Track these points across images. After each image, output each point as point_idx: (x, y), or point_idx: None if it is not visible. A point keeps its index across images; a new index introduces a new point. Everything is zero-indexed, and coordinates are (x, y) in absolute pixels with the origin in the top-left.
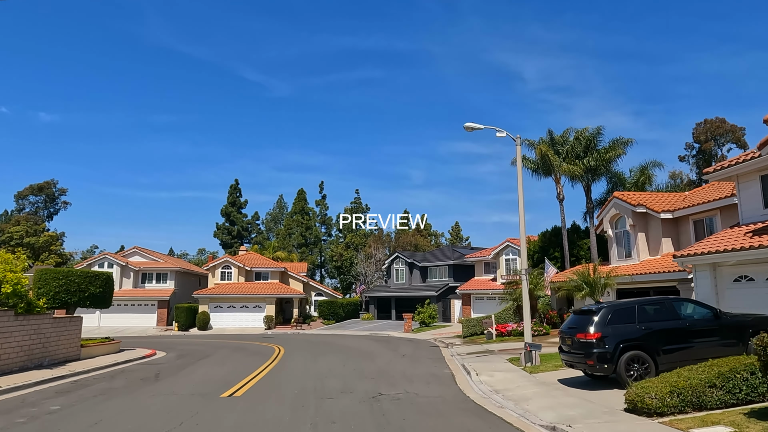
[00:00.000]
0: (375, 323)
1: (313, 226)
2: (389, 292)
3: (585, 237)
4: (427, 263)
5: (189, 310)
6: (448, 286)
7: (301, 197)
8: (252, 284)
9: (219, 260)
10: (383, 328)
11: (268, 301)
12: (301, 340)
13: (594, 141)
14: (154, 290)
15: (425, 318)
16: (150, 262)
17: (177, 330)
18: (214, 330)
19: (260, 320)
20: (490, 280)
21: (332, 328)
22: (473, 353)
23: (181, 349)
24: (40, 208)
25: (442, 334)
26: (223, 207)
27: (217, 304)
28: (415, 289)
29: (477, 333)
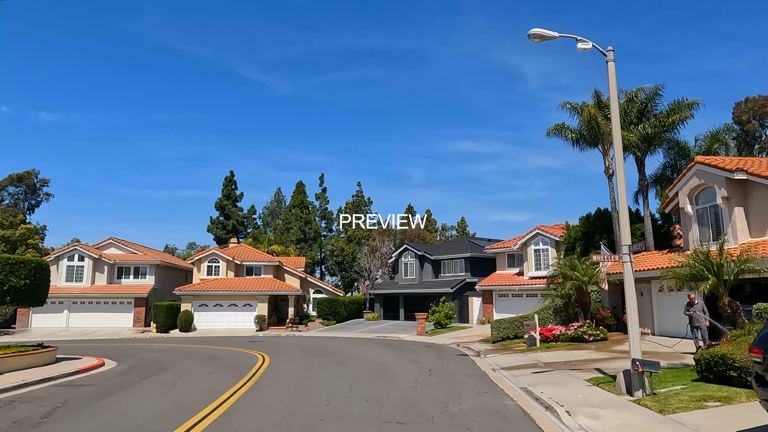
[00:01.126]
0: (381, 324)
1: (313, 220)
2: (397, 289)
3: (637, 221)
4: (440, 256)
5: (169, 309)
6: (465, 282)
7: (300, 190)
8: (242, 280)
9: (205, 252)
10: (391, 329)
11: (260, 298)
12: (294, 346)
13: (651, 103)
14: (131, 286)
15: (441, 318)
16: (127, 254)
17: (155, 332)
18: (198, 332)
19: (251, 320)
20: (514, 275)
21: (333, 329)
22: (522, 367)
23: (139, 359)
24: (20, 199)
25: (463, 337)
26: (218, 200)
27: (202, 302)
28: (427, 285)
29: (509, 337)
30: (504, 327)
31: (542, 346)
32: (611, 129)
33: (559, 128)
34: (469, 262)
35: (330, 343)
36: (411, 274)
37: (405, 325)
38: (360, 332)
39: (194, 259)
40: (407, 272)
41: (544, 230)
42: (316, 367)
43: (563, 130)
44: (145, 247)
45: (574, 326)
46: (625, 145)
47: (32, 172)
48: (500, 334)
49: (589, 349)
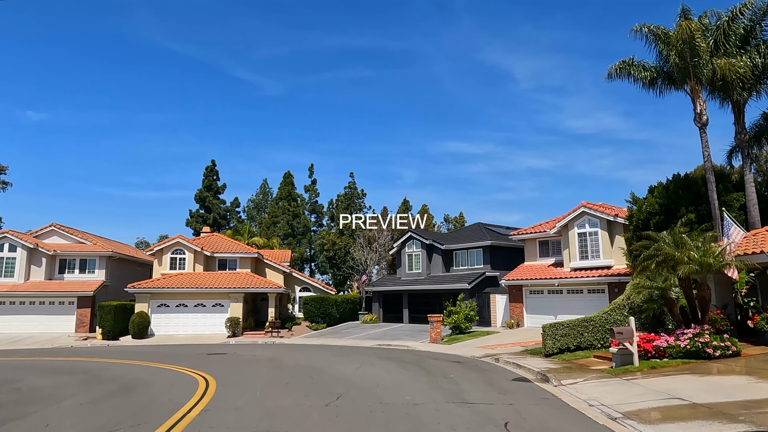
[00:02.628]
0: (381, 327)
1: (302, 214)
2: (399, 286)
3: (734, 189)
4: (453, 245)
5: (120, 311)
6: (485, 276)
7: (288, 181)
8: (212, 275)
9: (167, 242)
10: (395, 335)
11: (233, 297)
12: (267, 362)
13: (759, 26)
14: (75, 283)
15: (460, 321)
16: (73, 244)
17: (100, 338)
18: (156, 338)
19: (222, 324)
20: (549, 266)
21: (322, 335)
22: (668, 415)
23: (20, 387)
24: None
25: (495, 346)
26: (198, 191)
27: (162, 301)
28: (437, 280)
29: (569, 348)
30: (561, 334)
31: (643, 364)
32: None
33: (626, 66)
34: (489, 252)
35: (317, 355)
36: (417, 268)
37: (411, 330)
38: (356, 338)
39: (154, 250)
40: (412, 265)
41: (593, 208)
42: (289, 415)
43: (632, 68)
44: (96, 236)
45: (687, 334)
46: (726, 82)
47: None
48: (556, 344)
49: (738, 373)
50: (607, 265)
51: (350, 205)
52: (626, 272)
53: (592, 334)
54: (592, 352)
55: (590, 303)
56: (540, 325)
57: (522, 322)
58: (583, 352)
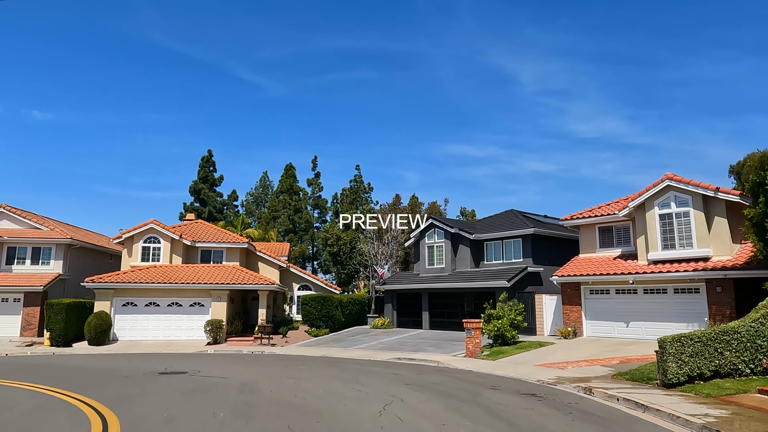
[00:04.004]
0: (397, 334)
1: (304, 208)
2: (418, 283)
3: None
4: (485, 235)
5: (75, 311)
6: (527, 272)
7: (289, 173)
8: (191, 268)
9: (138, 228)
10: (417, 344)
11: (215, 295)
12: (237, 392)
13: None
14: (23, 276)
15: (504, 328)
16: (24, 230)
17: (48, 344)
18: (119, 344)
19: (201, 328)
20: (616, 259)
21: (324, 343)
22: None
23: None
24: None
25: (561, 364)
26: (192, 183)
27: (128, 299)
28: (465, 276)
29: (704, 374)
30: (691, 353)
31: None
32: None
33: None
34: (530, 242)
35: (317, 378)
36: (439, 262)
37: (434, 338)
38: (367, 349)
39: (123, 238)
40: (434, 259)
41: (682, 181)
42: None
43: None
44: (56, 221)
45: None
46: None
47: None
48: (684, 368)
49: None
50: (704, 256)
51: (356, 200)
52: (735, 264)
53: (737, 354)
54: (739, 380)
55: (679, 307)
56: (604, 333)
57: (580, 330)
58: (728, 381)
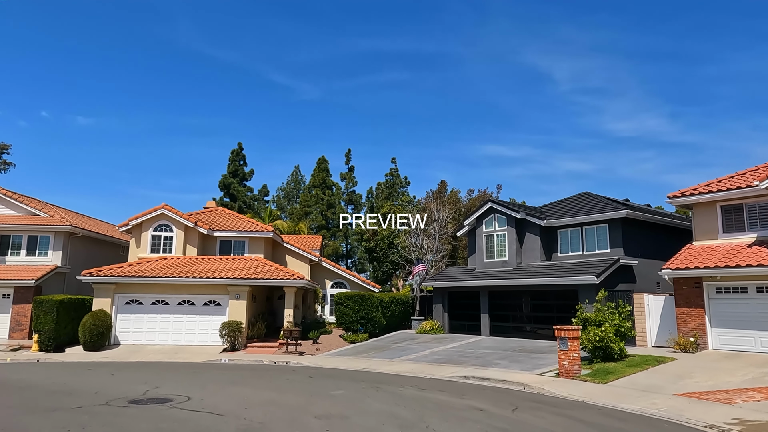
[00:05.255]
0: (451, 342)
1: (337, 204)
2: (474, 280)
3: None
4: (559, 220)
5: (69, 309)
6: (618, 265)
7: (322, 167)
8: (207, 260)
9: (148, 213)
10: (483, 356)
11: (234, 291)
12: None
13: None
14: (14, 268)
15: (608, 337)
16: (20, 216)
17: (36, 349)
18: (120, 349)
19: (216, 331)
20: (752, 247)
21: (363, 351)
22: None
23: None
24: None
25: (722, 395)
26: (222, 177)
27: (132, 295)
28: (534, 271)
29: None
30: None
31: None
32: None
33: None
34: (620, 228)
35: (362, 416)
36: (500, 254)
37: (499, 346)
38: (418, 361)
39: (130, 225)
40: (493, 251)
41: None
42: None
43: None
44: (56, 207)
45: None
46: None
47: None
48: None
49: None
50: None
51: (392, 194)
52: None
53: None
54: None
55: None
56: (740, 346)
57: (703, 340)
58: None
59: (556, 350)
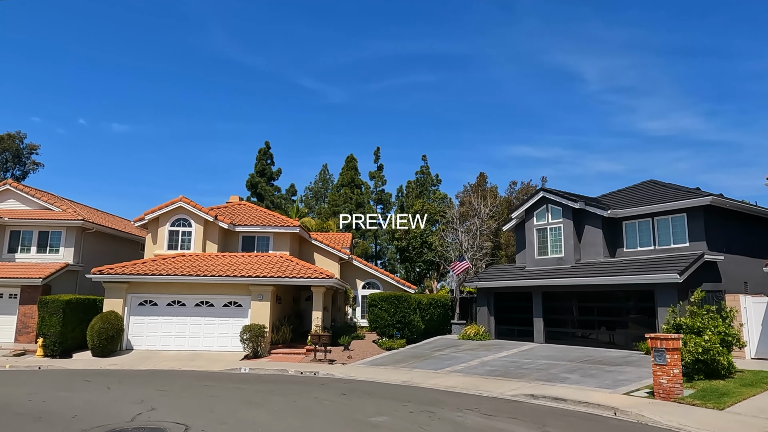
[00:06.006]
0: (502, 349)
1: (366, 203)
2: (525, 279)
3: None
4: (625, 210)
5: (77, 310)
6: (703, 261)
7: (350, 165)
8: (227, 258)
9: (164, 207)
10: (545, 368)
11: (256, 291)
12: None
13: None
14: (24, 266)
15: (713, 347)
16: (33, 211)
17: (40, 355)
18: (132, 355)
19: (237, 335)
20: None
21: (401, 360)
22: None
23: None
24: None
25: None
26: (249, 177)
27: (146, 296)
28: (598, 269)
29: None
30: None
31: None
32: None
33: None
34: (702, 219)
35: None
36: (555, 249)
37: (561, 356)
38: (468, 373)
39: (146, 219)
40: (546, 246)
41: None
42: None
43: None
44: (70, 201)
45: None
46: None
47: (15, 134)
48: None
49: None
50: None
51: (423, 193)
52: None
53: None
54: None
55: None
56: None
57: None
58: None
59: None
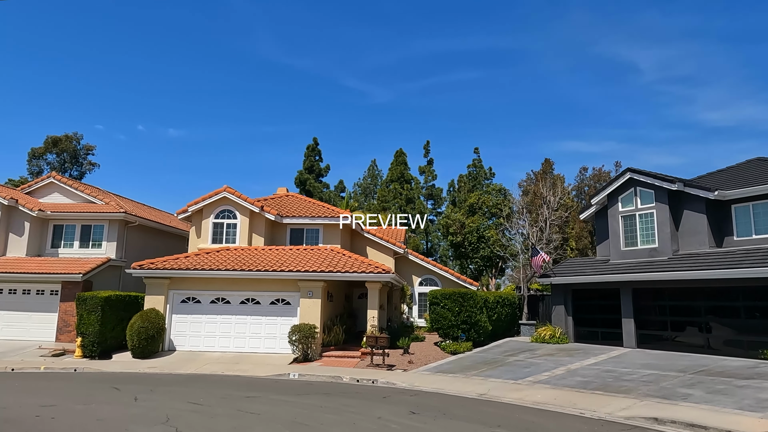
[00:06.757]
0: (588, 356)
1: (416, 198)
2: (611, 273)
3: None
4: (735, 191)
5: (118, 307)
6: None
7: (400, 160)
8: (274, 251)
9: (208, 198)
10: (654, 381)
11: (306, 287)
12: None
13: None
14: (65, 261)
15: None
16: (76, 204)
17: (79, 355)
18: (175, 356)
19: (285, 335)
20: None
21: (471, 367)
22: None
23: None
24: (56, 169)
25: None
26: (298, 174)
27: (189, 292)
28: (705, 261)
29: None
30: None
31: None
32: None
33: None
34: None
35: None
36: (646, 239)
37: (667, 364)
38: (555, 384)
39: (189, 211)
40: (635, 235)
41: None
42: None
43: None
44: (114, 195)
45: None
46: None
47: (72, 136)
48: None
49: None
50: None
51: (476, 187)
52: None
53: None
54: None
55: None
56: None
57: None
58: None
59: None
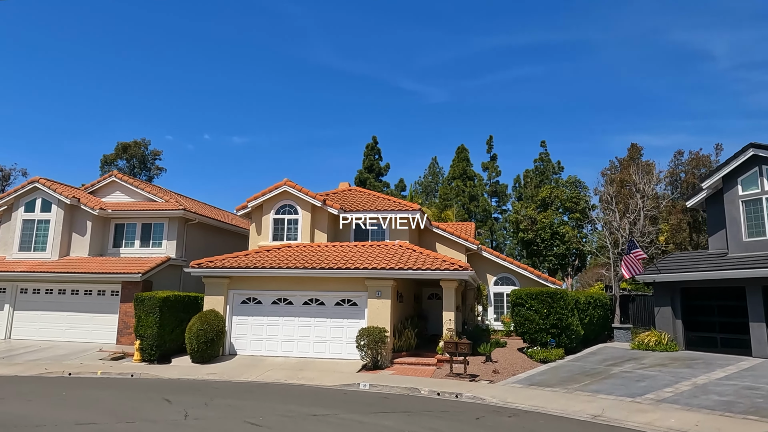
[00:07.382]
0: (714, 368)
1: (480, 195)
2: (731, 269)
3: None
4: None
5: (177, 309)
6: None
7: (461, 156)
8: (338, 247)
9: (268, 192)
10: None
11: (375, 286)
12: None
13: None
14: (125, 261)
15: None
16: (137, 203)
17: (138, 359)
18: (235, 361)
19: (353, 339)
20: None
21: (568, 379)
22: None
23: None
24: (126, 174)
25: None
26: (358, 173)
27: (249, 292)
28: None
29: None
30: None
31: None
32: None
33: None
34: None
35: None
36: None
37: None
38: (686, 405)
39: (249, 207)
40: (761, 223)
41: None
42: None
43: None
44: (172, 192)
45: None
46: None
47: (141, 141)
48: None
49: None
50: None
51: (543, 182)
52: None
53: None
54: None
55: None
56: None
57: None
58: None
59: None
